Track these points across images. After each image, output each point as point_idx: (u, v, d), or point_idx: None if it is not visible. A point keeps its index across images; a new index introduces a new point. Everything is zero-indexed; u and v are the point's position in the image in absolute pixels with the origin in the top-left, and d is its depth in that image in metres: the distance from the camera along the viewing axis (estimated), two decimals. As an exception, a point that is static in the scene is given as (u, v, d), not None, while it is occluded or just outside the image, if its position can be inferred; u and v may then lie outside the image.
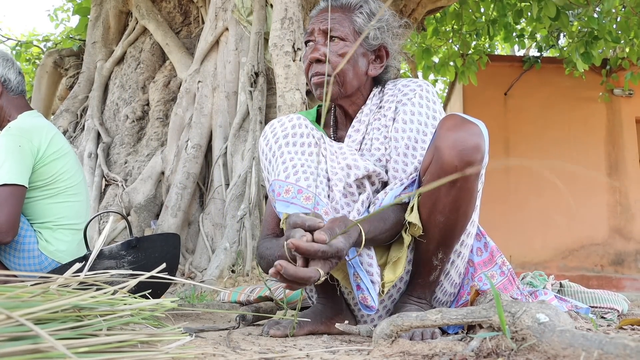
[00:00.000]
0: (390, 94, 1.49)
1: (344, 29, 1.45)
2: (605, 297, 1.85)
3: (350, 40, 1.46)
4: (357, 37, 1.46)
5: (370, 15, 1.48)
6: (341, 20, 1.46)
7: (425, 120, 1.41)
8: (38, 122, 2.05)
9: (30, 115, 2.10)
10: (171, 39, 4.70)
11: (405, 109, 1.42)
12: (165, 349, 0.82)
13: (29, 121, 2.04)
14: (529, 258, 7.19)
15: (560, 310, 0.93)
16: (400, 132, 1.40)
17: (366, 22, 1.47)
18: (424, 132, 1.40)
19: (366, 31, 1.45)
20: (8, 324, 0.67)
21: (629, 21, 5.60)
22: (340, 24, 1.45)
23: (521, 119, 7.66)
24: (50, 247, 2.01)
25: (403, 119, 1.41)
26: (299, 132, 1.41)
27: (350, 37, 1.46)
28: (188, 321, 1.77)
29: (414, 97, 1.43)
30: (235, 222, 3.62)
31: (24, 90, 2.15)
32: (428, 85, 1.47)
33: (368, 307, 1.26)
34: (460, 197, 1.27)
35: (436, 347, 0.98)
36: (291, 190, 1.32)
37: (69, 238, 2.07)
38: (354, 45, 1.42)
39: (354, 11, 1.48)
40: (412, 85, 1.48)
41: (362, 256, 1.30)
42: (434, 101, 1.45)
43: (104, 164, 4.36)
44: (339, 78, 1.45)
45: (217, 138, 4.11)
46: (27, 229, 1.99)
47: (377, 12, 1.48)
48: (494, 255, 1.50)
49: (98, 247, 1.12)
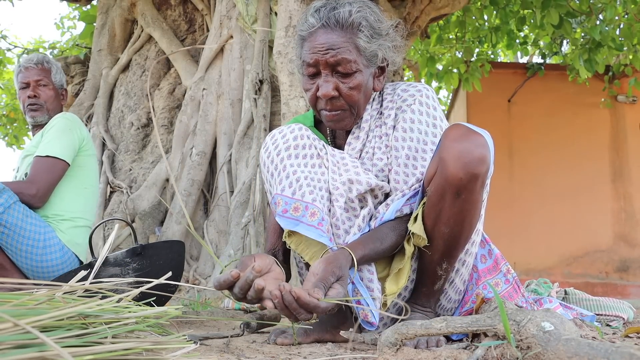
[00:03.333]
0: (389, 100, 1.46)
1: (350, 60, 1.33)
2: (611, 305, 1.84)
3: (360, 67, 1.36)
4: (363, 60, 1.36)
5: (372, 31, 1.37)
6: (345, 48, 1.33)
7: (425, 128, 1.38)
8: (82, 123, 2.42)
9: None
10: (176, 46, 4.73)
11: (405, 116, 1.40)
12: (170, 357, 0.83)
13: (77, 117, 2.39)
14: (533, 265, 7.15)
15: (565, 318, 0.92)
16: (401, 141, 1.38)
17: (369, 41, 1.36)
18: (425, 141, 1.37)
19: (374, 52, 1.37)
20: (14, 331, 0.67)
21: (631, 28, 5.60)
22: (345, 53, 1.33)
23: (525, 126, 7.65)
24: (69, 237, 2.16)
25: (403, 127, 1.39)
26: (301, 144, 1.38)
27: (359, 64, 1.35)
28: (192, 328, 1.77)
29: (414, 104, 1.41)
30: (239, 229, 3.62)
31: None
32: (428, 90, 1.44)
33: (369, 323, 1.25)
34: (466, 208, 1.26)
35: (441, 356, 0.98)
36: (300, 208, 1.29)
37: (82, 232, 2.25)
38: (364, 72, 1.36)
39: (355, 31, 1.34)
40: (411, 90, 1.44)
41: (362, 271, 1.29)
42: (434, 107, 1.42)
43: (109, 170, 4.37)
44: (354, 110, 1.40)
45: (222, 145, 4.12)
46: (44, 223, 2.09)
47: (376, 25, 1.37)
48: (498, 263, 1.49)
49: (103, 254, 1.13)
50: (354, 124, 1.44)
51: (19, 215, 1.98)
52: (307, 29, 1.38)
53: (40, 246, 2.03)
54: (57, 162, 2.16)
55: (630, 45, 5.79)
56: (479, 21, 6.77)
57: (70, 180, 2.25)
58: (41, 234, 2.04)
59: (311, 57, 1.35)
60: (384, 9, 5.18)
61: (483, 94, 7.06)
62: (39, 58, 2.48)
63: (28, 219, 2.02)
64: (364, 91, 1.40)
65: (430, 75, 6.95)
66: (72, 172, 2.26)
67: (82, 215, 2.26)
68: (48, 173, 2.12)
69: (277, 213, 1.33)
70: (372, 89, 1.45)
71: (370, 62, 1.39)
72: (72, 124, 2.28)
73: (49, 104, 2.43)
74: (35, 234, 2.03)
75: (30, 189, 2.07)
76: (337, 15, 1.34)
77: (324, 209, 1.30)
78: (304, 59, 1.38)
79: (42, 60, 2.47)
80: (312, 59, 1.35)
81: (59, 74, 2.50)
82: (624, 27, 5.71)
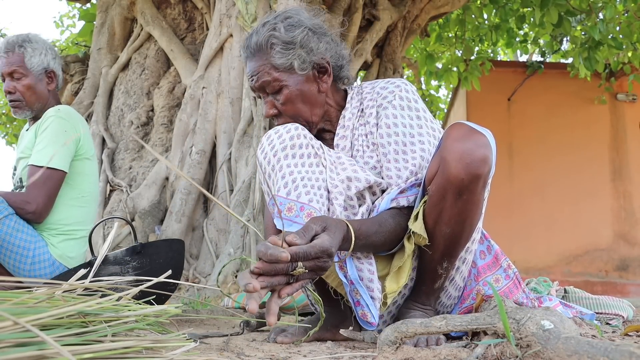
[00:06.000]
0: (369, 98, 1.46)
1: (270, 80, 1.41)
2: (610, 303, 1.84)
3: (285, 82, 1.41)
4: (284, 75, 1.41)
5: (284, 45, 1.40)
6: (263, 71, 1.41)
7: (409, 122, 1.38)
8: (81, 116, 2.17)
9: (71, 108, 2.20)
10: (176, 45, 4.73)
11: (387, 112, 1.40)
12: (170, 355, 0.83)
13: (73, 111, 2.14)
14: (533, 263, 7.16)
15: (565, 316, 0.92)
16: (386, 137, 1.39)
17: (283, 55, 1.40)
18: (411, 134, 1.37)
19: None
20: (14, 330, 0.67)
21: (631, 26, 5.59)
22: (264, 76, 1.41)
23: (525, 124, 7.65)
24: (61, 252, 2.04)
25: (386, 123, 1.39)
26: (298, 143, 1.37)
27: (281, 80, 1.41)
28: (192, 327, 1.77)
29: (394, 100, 1.41)
30: (239, 228, 3.62)
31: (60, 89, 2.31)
32: (407, 85, 1.44)
33: (368, 322, 1.25)
34: (467, 209, 1.26)
35: (441, 354, 0.98)
36: (294, 209, 1.29)
37: (78, 244, 2.11)
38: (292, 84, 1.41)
39: (267, 51, 1.41)
40: (390, 87, 1.44)
41: (363, 271, 1.29)
42: (414, 100, 1.42)
43: (109, 169, 4.37)
44: (300, 119, 1.44)
45: (222, 144, 4.12)
46: (37, 237, 2.00)
47: (287, 37, 1.40)
48: (498, 259, 1.49)
49: (103, 253, 1.13)
50: (317, 125, 1.48)
51: (8, 230, 1.90)
52: (243, 60, 1.51)
53: (29, 262, 1.95)
54: (54, 173, 1.99)
55: (630, 44, 5.79)
56: (479, 20, 6.77)
57: (65, 189, 2.07)
58: (30, 250, 1.95)
59: (250, 85, 1.47)
60: (383, 7, 5.18)
61: (483, 92, 7.06)
62: (8, 43, 2.14)
63: (19, 233, 1.93)
64: (302, 100, 1.44)
65: (429, 74, 6.96)
66: (68, 180, 2.07)
67: (79, 227, 2.11)
68: (45, 187, 1.96)
69: (273, 214, 1.34)
70: (318, 92, 1.46)
71: (297, 72, 1.42)
72: (67, 123, 2.05)
73: (28, 97, 2.13)
74: (24, 249, 1.94)
75: (30, 206, 1.94)
76: (251, 42, 1.44)
77: (322, 209, 1.30)
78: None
79: (12, 45, 2.13)
80: (250, 87, 1.48)
81: (37, 56, 2.14)
82: (624, 25, 5.71)
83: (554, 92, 7.68)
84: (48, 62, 2.17)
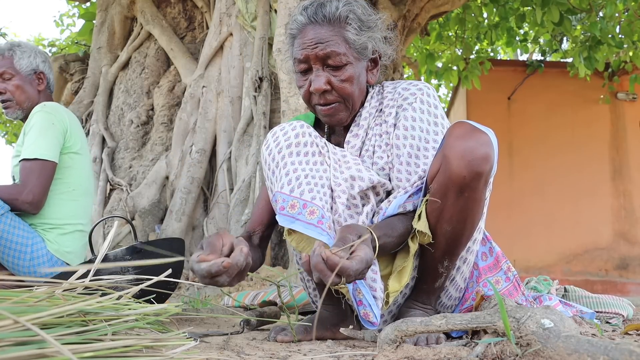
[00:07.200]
0: (390, 98, 1.46)
1: (340, 52, 1.35)
2: (610, 302, 1.84)
3: (351, 60, 1.37)
4: (353, 53, 1.37)
5: (360, 23, 1.38)
6: (334, 42, 1.34)
7: (427, 127, 1.38)
8: (69, 112, 2.23)
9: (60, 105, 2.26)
10: (176, 44, 4.72)
11: (406, 114, 1.39)
12: (170, 354, 0.83)
13: (60, 106, 2.20)
14: (533, 262, 7.16)
15: (565, 315, 0.92)
16: (402, 139, 1.38)
17: (358, 33, 1.37)
18: (426, 140, 1.37)
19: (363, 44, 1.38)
20: (14, 328, 0.67)
21: (632, 25, 5.59)
22: (334, 46, 1.34)
23: (525, 123, 7.65)
24: (57, 246, 2.06)
25: (404, 125, 1.38)
26: (302, 141, 1.37)
27: (349, 57, 1.36)
28: (192, 326, 1.77)
29: (415, 102, 1.40)
30: (239, 227, 3.62)
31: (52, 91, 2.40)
32: (429, 89, 1.43)
33: (370, 322, 1.25)
34: (468, 207, 1.26)
35: (441, 353, 0.98)
36: (297, 206, 1.29)
37: (74, 238, 2.14)
38: (356, 65, 1.37)
39: (343, 25, 1.36)
40: (412, 89, 1.43)
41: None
42: (435, 105, 1.41)
43: (109, 168, 4.37)
44: (348, 103, 1.40)
45: (222, 143, 4.12)
46: (33, 234, 2.02)
47: (365, 17, 1.39)
48: (499, 261, 1.49)
49: (103, 252, 1.13)
50: (349, 118, 1.44)
51: (5, 227, 1.92)
52: (297, 27, 1.39)
53: (28, 258, 1.98)
54: (46, 164, 2.03)
55: (630, 43, 5.79)
56: (479, 18, 6.76)
57: (55, 183, 2.11)
58: (28, 246, 1.98)
59: (301, 53, 1.37)
60: (383, 6, 5.17)
61: (483, 91, 7.06)
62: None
63: (16, 230, 1.96)
64: (357, 84, 1.40)
65: (429, 73, 6.95)
66: (57, 174, 2.11)
67: (72, 220, 2.14)
68: (39, 177, 2.01)
69: (276, 210, 1.33)
70: (367, 83, 1.46)
71: (361, 55, 1.40)
72: (53, 117, 2.10)
73: (18, 96, 2.21)
74: (22, 245, 1.97)
75: (27, 196, 1.98)
76: (325, 10, 1.36)
77: (325, 207, 1.30)
78: (295, 56, 1.40)
79: (2, 50, 2.23)
80: (302, 54, 1.37)
81: (26, 58, 2.24)
82: (624, 24, 5.71)
83: (554, 91, 7.67)
84: (37, 64, 2.27)
